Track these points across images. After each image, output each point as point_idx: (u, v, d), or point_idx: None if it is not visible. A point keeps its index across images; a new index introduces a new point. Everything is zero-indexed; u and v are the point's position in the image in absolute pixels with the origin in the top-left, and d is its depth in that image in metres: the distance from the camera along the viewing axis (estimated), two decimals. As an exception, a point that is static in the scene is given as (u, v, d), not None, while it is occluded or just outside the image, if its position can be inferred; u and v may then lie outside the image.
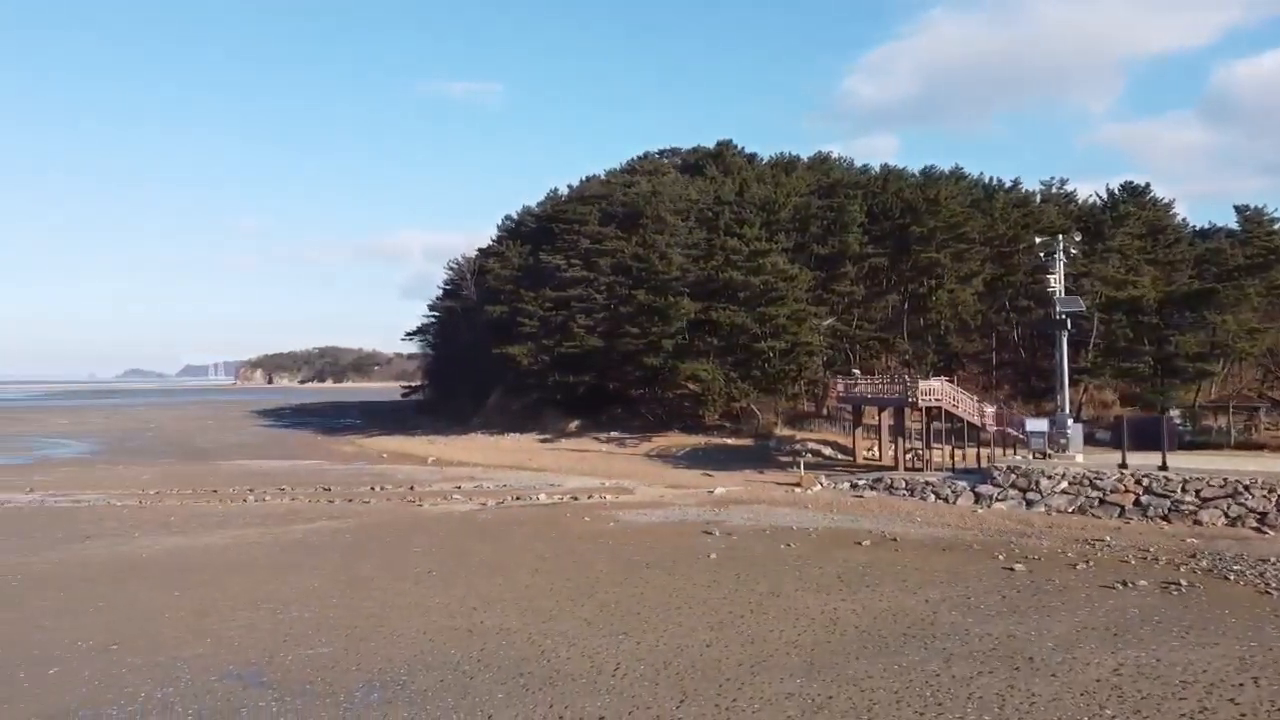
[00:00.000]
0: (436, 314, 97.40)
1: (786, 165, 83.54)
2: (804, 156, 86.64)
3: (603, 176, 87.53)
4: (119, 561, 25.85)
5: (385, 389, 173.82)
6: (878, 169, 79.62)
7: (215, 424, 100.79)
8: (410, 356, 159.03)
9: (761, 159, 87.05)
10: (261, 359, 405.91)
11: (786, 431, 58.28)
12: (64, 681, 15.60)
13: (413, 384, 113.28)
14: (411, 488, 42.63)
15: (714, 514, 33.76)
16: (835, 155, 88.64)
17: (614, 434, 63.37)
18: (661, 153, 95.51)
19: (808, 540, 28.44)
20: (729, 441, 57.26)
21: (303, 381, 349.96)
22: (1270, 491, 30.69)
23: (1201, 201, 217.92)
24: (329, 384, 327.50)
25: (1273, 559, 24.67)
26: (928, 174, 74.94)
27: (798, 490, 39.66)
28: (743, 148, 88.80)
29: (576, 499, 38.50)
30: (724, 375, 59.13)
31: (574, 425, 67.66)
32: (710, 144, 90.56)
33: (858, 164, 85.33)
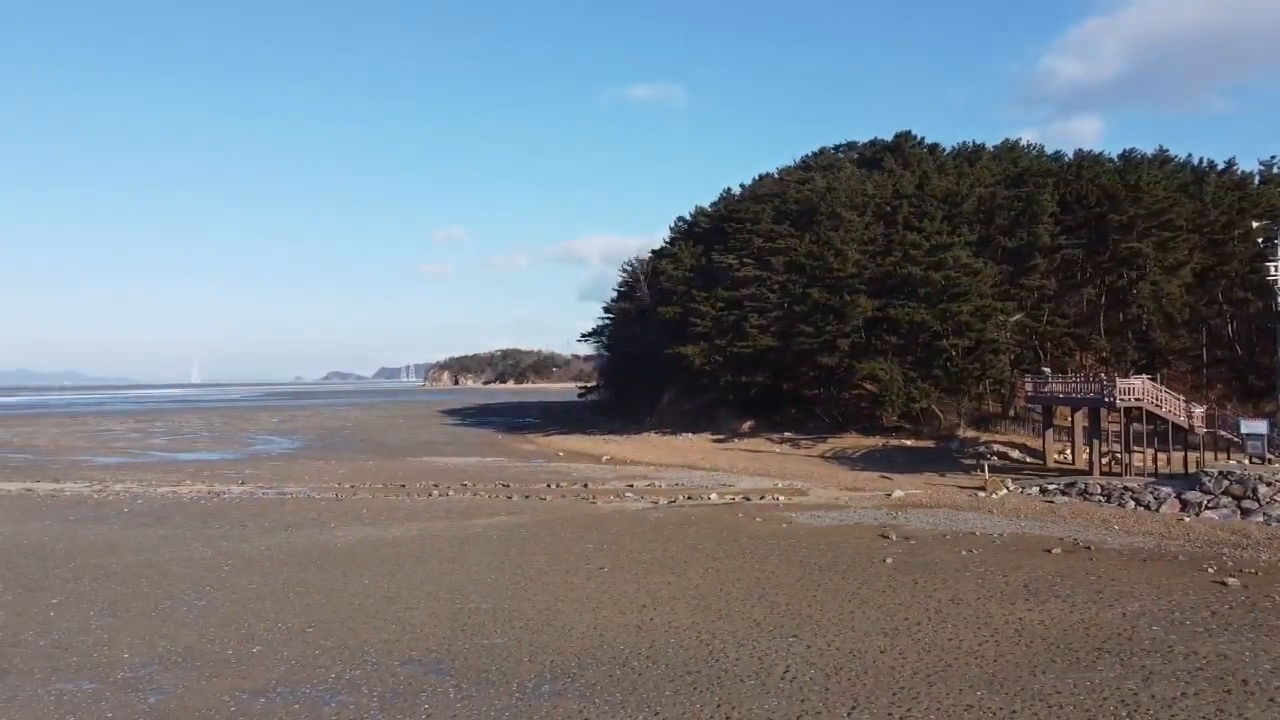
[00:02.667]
0: (611, 316, 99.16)
1: (970, 155, 79.92)
2: (990, 145, 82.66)
3: (776, 174, 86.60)
4: (316, 550, 27.65)
5: (563, 390, 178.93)
6: (1071, 155, 74.98)
7: (405, 423, 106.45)
8: (587, 358, 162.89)
9: (944, 149, 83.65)
10: (449, 361, 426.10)
11: (970, 433, 55.77)
12: (265, 660, 16.78)
13: (588, 384, 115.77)
14: (586, 485, 43.52)
15: (891, 517, 32.68)
16: (1024, 142, 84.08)
17: (788, 434, 62.54)
18: (838, 148, 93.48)
19: (992, 546, 27.05)
20: (908, 443, 55.38)
21: (486, 383, 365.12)
22: None
23: None
24: (510, 385, 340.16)
25: None
26: (1128, 158, 69.81)
27: (982, 494, 37.82)
28: (922, 138, 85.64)
29: (749, 499, 38.19)
30: (903, 375, 57.23)
31: (747, 425, 67.27)
32: (889, 136, 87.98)
33: (1050, 150, 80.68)
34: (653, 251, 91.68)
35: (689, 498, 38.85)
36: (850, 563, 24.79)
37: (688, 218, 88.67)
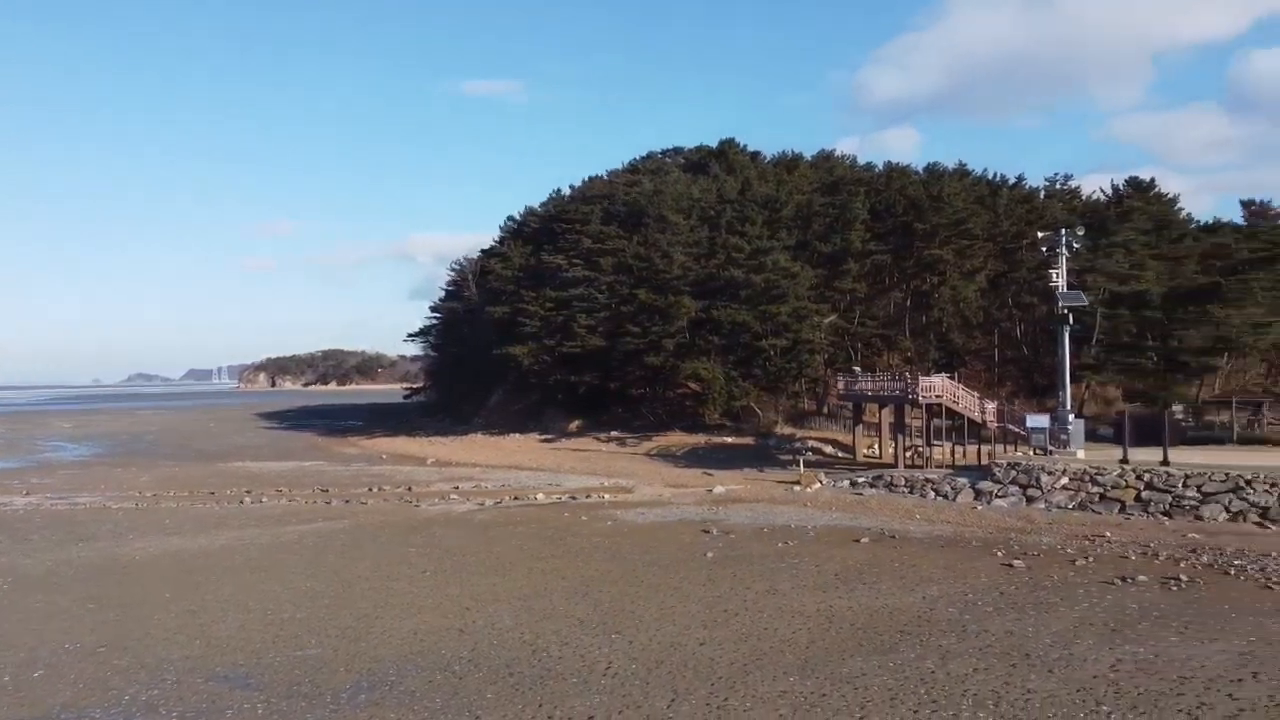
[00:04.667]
0: (439, 315, 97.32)
1: (790, 163, 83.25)
2: (808, 155, 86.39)
3: (606, 177, 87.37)
4: (112, 563, 25.75)
5: (389, 391, 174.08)
6: (882, 166, 79.37)
7: (217, 426, 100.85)
8: (414, 358, 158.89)
9: (765, 157, 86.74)
10: (266, 362, 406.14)
11: (788, 430, 58.07)
12: (49, 684, 15.46)
13: (415, 385, 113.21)
14: (410, 488, 42.52)
15: (713, 513, 33.58)
16: (839, 152, 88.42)
17: (615, 433, 63.23)
18: (665, 152, 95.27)
19: (806, 538, 28.24)
20: (730, 440, 57.09)
21: (306, 384, 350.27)
22: (1273, 486, 30.41)
23: (1227, 194, 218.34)
24: (332, 386, 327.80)
25: (1274, 554, 24.40)
26: (932, 170, 74.54)
27: (798, 489, 39.46)
28: (745, 145, 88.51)
29: (575, 498, 38.35)
30: (725, 374, 58.96)
31: (575, 425, 67.56)
32: (714, 143, 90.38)
33: (863, 161, 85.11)
34: (482, 251, 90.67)
35: (515, 498, 38.62)
36: (673, 558, 25.30)
37: (517, 218, 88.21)
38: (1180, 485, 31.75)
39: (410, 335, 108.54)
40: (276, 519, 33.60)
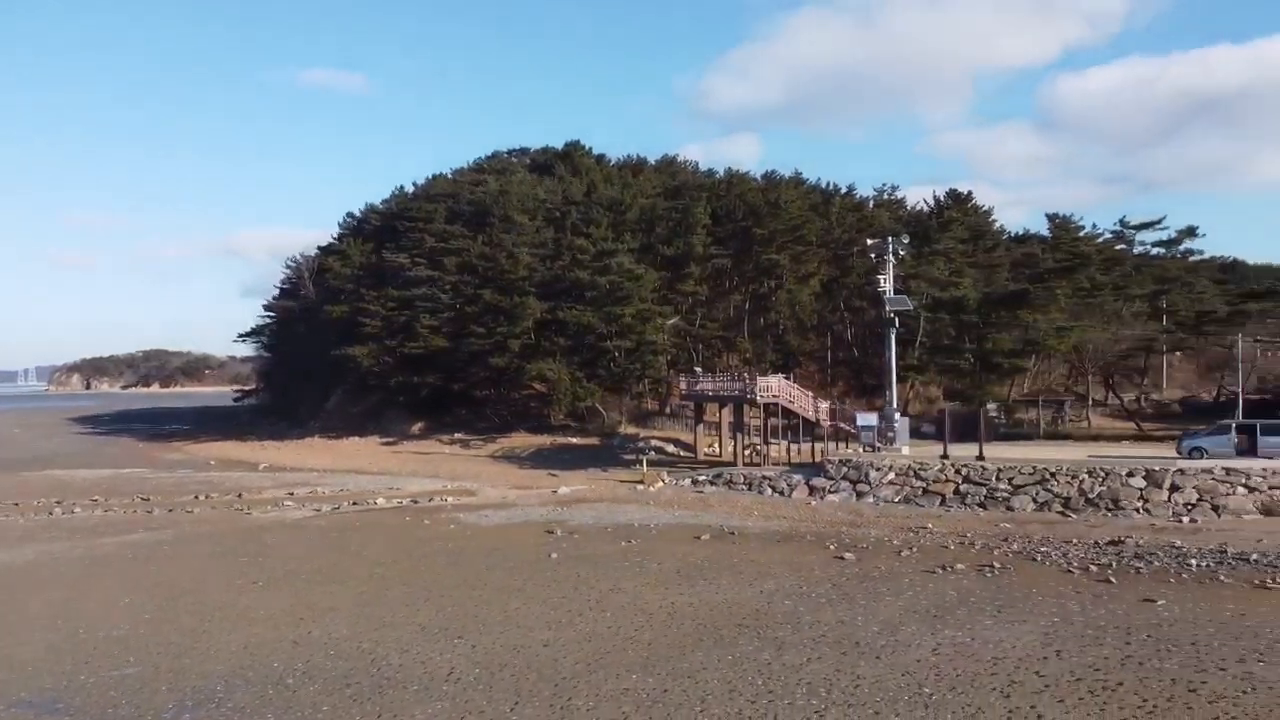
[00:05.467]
0: (273, 314, 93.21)
1: (634, 167, 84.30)
2: (652, 159, 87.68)
3: (450, 175, 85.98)
4: (-101, 584, 23.45)
5: (219, 393, 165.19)
6: (722, 172, 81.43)
7: (24, 432, 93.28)
8: (245, 359, 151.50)
9: (610, 160, 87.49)
10: (81, 363, 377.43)
11: (631, 430, 58.76)
12: None
13: (247, 387, 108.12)
14: (240, 495, 40.59)
15: (558, 513, 33.62)
16: (681, 158, 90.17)
17: (459, 435, 62.32)
18: (510, 152, 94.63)
19: (650, 537, 28.69)
20: (575, 441, 57.27)
21: (125, 387, 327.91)
22: (1074, 478, 33.07)
23: (1035, 207, 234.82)
24: (155, 388, 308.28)
25: (1075, 540, 26.54)
26: (769, 178, 77.07)
27: (641, 488, 40.01)
28: (591, 148, 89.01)
29: (417, 502, 37.59)
30: (570, 375, 59.09)
31: (418, 427, 66.16)
32: (559, 144, 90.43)
33: (705, 167, 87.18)
34: (320, 248, 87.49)
35: (354, 504, 37.49)
36: (517, 560, 25.20)
37: (358, 214, 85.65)
38: (994, 479, 34.06)
39: (242, 335, 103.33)
40: (91, 530, 31.41)
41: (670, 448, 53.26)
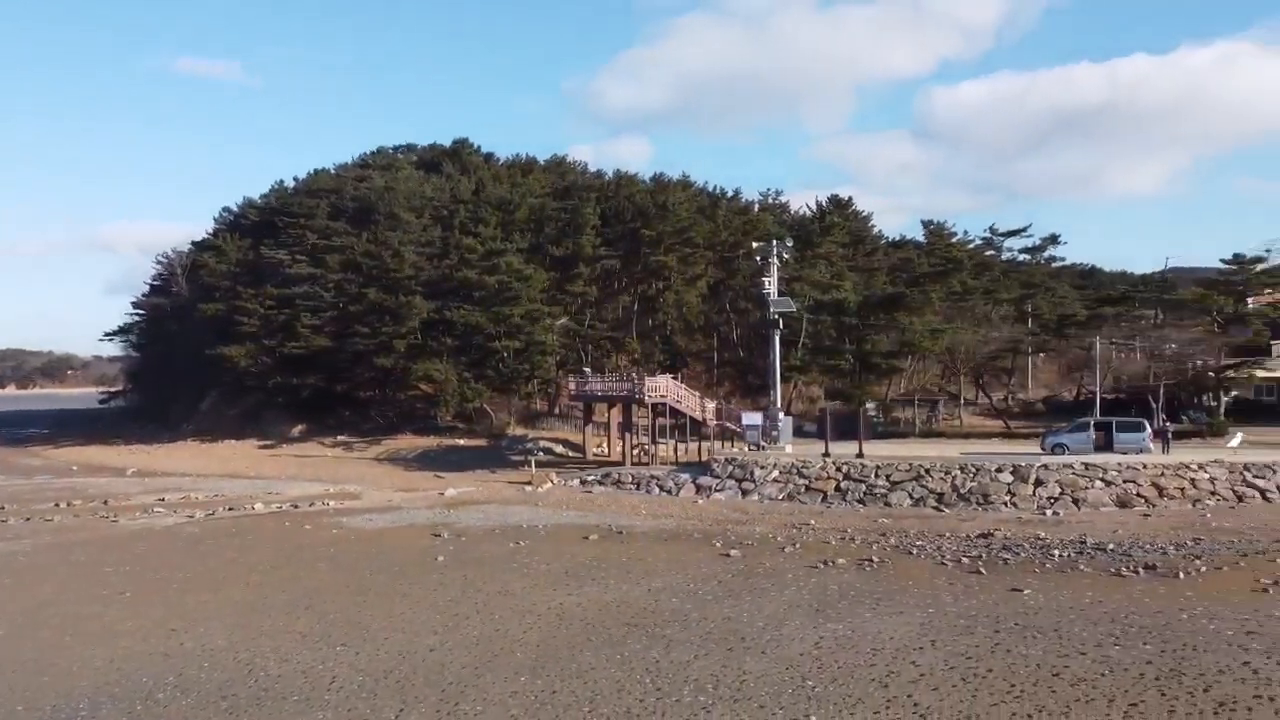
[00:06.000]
0: (143, 312, 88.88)
1: (524, 166, 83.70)
2: (541, 158, 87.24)
3: (333, 170, 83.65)
4: None
5: (83, 395, 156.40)
6: (612, 174, 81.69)
7: None
8: (113, 359, 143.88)
9: (499, 159, 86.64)
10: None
11: (520, 431, 58.43)
12: None
13: (114, 389, 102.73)
14: (106, 502, 38.57)
15: (445, 516, 33.17)
16: (571, 158, 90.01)
17: (342, 437, 60.73)
18: (397, 148, 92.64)
19: (538, 538, 28.60)
20: (462, 442, 56.57)
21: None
22: (947, 474, 34.50)
23: (913, 214, 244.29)
24: (11, 390, 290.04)
25: (948, 534, 27.70)
26: (658, 180, 77.67)
27: (529, 489, 39.83)
28: (479, 146, 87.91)
29: (298, 507, 36.48)
30: (458, 375, 58.35)
31: (299, 430, 64.14)
32: (447, 142, 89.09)
33: (594, 168, 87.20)
34: (194, 243, 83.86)
35: (230, 509, 36.15)
36: (403, 564, 24.77)
37: (235, 209, 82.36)
38: (873, 476, 35.23)
39: (108, 334, 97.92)
40: (-63, 543, 29.37)
41: (559, 448, 53.17)
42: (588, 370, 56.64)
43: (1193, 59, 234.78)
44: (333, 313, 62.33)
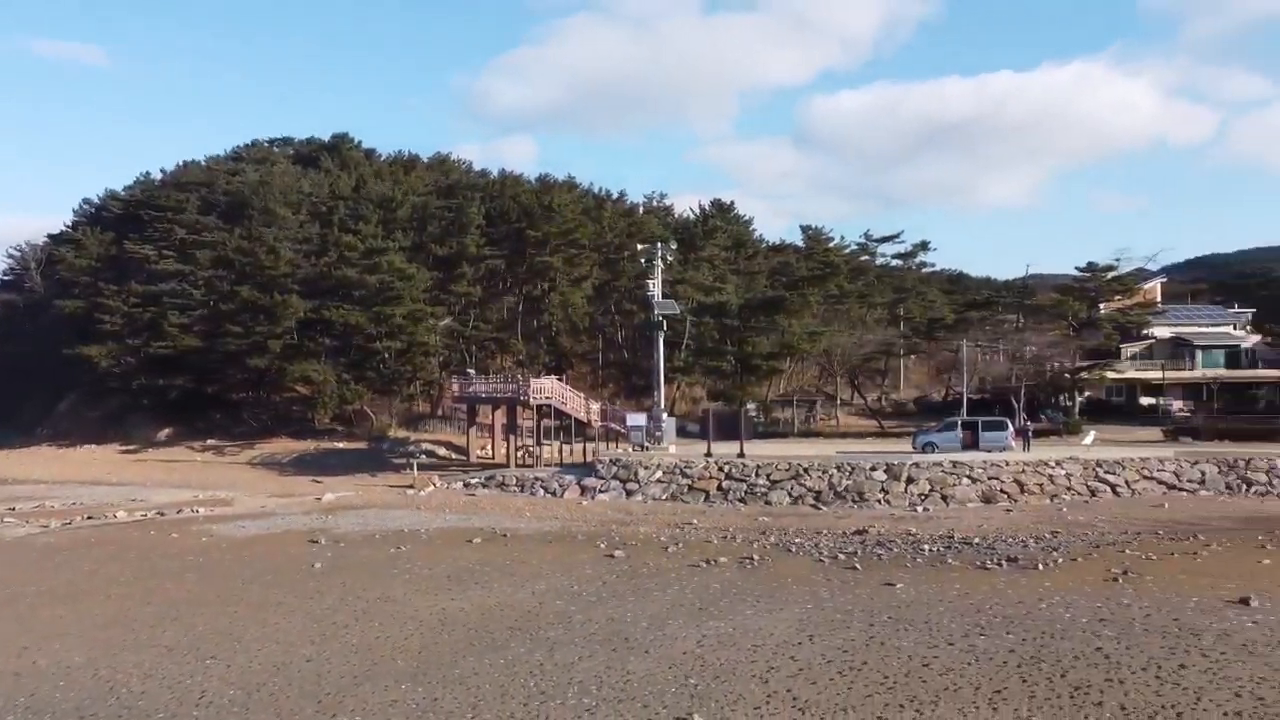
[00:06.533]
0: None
1: (406, 163, 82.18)
2: (424, 156, 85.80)
3: (204, 163, 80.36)
4: None
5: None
6: (496, 173, 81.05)
7: None
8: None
9: (381, 155, 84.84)
10: None
11: (402, 433, 57.36)
12: None
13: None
14: (-50, 512, 36.09)
15: (322, 521, 32.26)
16: (455, 156, 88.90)
17: (213, 441, 58.38)
18: (272, 141, 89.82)
19: (420, 542, 28.12)
20: (341, 445, 55.15)
21: None
22: (824, 473, 35.53)
23: (793, 219, 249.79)
24: None
25: (825, 531, 28.51)
26: (544, 181, 77.46)
27: (411, 492, 39.15)
28: (360, 142, 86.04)
29: (164, 514, 34.89)
30: (337, 376, 56.91)
31: (166, 433, 61.30)
32: (326, 136, 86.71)
33: (479, 167, 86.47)
34: (50, 236, 79.27)
35: (90, 518, 34.27)
36: (277, 572, 23.96)
37: (96, 201, 78.31)
38: (753, 475, 35.98)
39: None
40: None
41: (442, 451, 52.42)
42: (472, 372, 56.03)
43: (1053, 77, 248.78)
44: (203, 311, 59.97)
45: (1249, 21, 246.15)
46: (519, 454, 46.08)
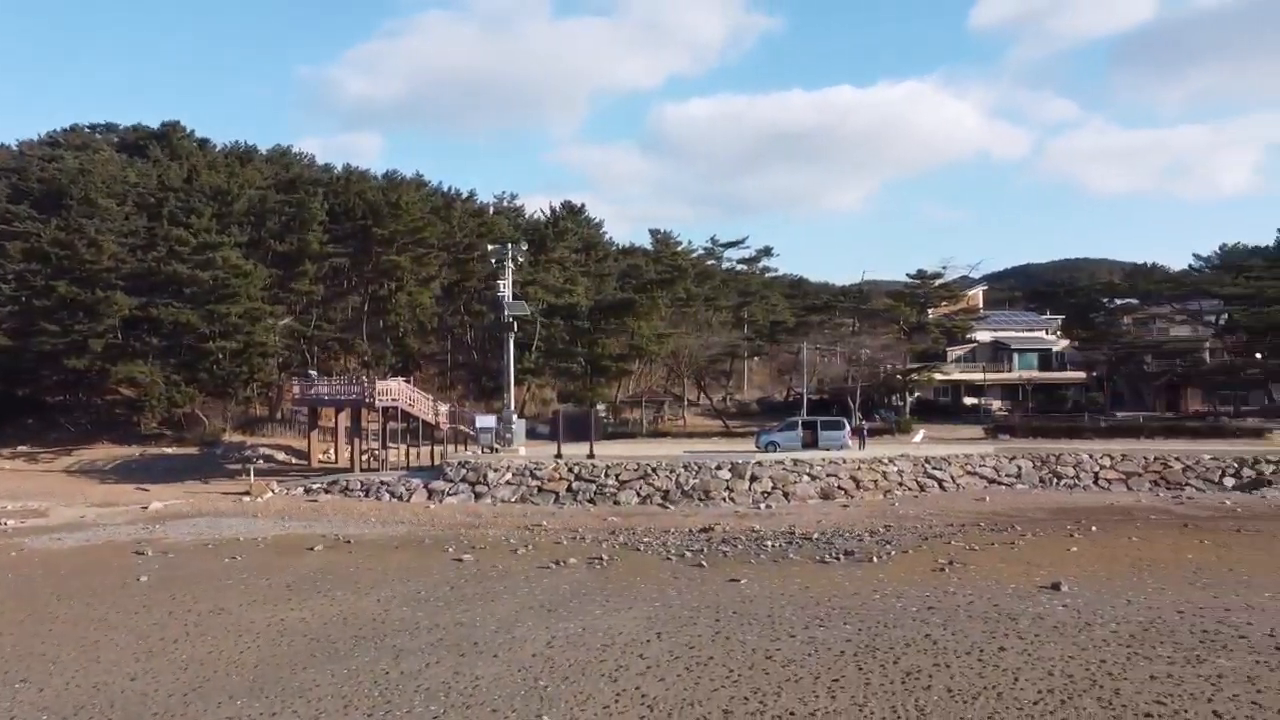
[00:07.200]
0: None
1: (243, 155, 78.40)
2: (263, 148, 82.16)
3: (16, 147, 74.40)
4: None
5: None
6: (341, 168, 78.50)
7: None
8: None
9: (215, 145, 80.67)
10: None
11: (237, 437, 54.75)
12: None
13: None
14: None
15: (148, 531, 30.48)
16: (296, 149, 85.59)
17: (24, 448, 54.01)
18: (94, 127, 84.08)
19: (256, 550, 26.98)
20: (170, 451, 52.14)
21: None
22: (671, 472, 36.19)
23: (641, 222, 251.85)
24: None
25: (673, 530, 29.07)
26: (390, 178, 75.56)
27: (247, 499, 37.47)
28: (193, 131, 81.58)
29: (-33, 528, 32.13)
30: (165, 378, 53.73)
31: (-32, 440, 56.38)
32: (155, 123, 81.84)
33: (322, 161, 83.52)
34: None
35: (-122, 533, 31.19)
36: (98, 586, 22.51)
37: (-117, 184, 71.13)
38: (603, 475, 36.26)
39: None
40: None
41: (281, 455, 50.37)
42: (313, 373, 54.04)
43: (889, 93, 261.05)
44: (13, 307, 55.43)
45: (1061, 50, 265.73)
46: (364, 458, 44.80)
